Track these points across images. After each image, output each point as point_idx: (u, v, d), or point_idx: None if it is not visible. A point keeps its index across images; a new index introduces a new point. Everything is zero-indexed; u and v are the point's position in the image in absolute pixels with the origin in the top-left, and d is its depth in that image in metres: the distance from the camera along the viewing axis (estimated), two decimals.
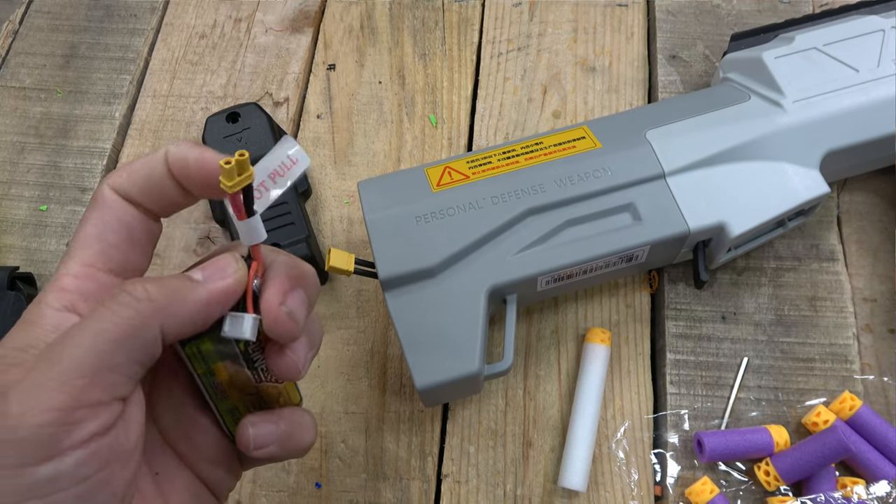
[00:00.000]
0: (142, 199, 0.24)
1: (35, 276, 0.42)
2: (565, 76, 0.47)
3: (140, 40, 0.50)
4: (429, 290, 0.33)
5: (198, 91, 0.48)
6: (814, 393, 0.37)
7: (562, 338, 0.39)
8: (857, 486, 0.34)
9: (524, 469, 0.37)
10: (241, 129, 0.42)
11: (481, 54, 0.48)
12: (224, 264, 0.23)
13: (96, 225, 0.23)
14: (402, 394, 0.39)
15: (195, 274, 0.23)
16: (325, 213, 0.44)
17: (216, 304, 0.23)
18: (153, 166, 0.24)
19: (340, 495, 0.37)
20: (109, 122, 0.48)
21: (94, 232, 0.23)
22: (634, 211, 0.35)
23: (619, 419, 0.37)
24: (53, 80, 0.49)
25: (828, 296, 0.39)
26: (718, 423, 0.37)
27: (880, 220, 0.41)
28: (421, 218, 0.34)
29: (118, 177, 0.24)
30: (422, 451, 0.37)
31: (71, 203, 0.45)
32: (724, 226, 0.35)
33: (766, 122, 0.36)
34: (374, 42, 0.49)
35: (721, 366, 0.38)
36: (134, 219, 0.24)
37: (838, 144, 0.36)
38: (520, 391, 0.38)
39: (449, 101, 0.47)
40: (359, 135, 0.46)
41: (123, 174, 0.24)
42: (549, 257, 0.34)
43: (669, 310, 0.39)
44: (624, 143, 0.36)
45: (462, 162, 0.37)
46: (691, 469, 0.36)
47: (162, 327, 0.21)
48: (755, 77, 0.38)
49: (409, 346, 0.32)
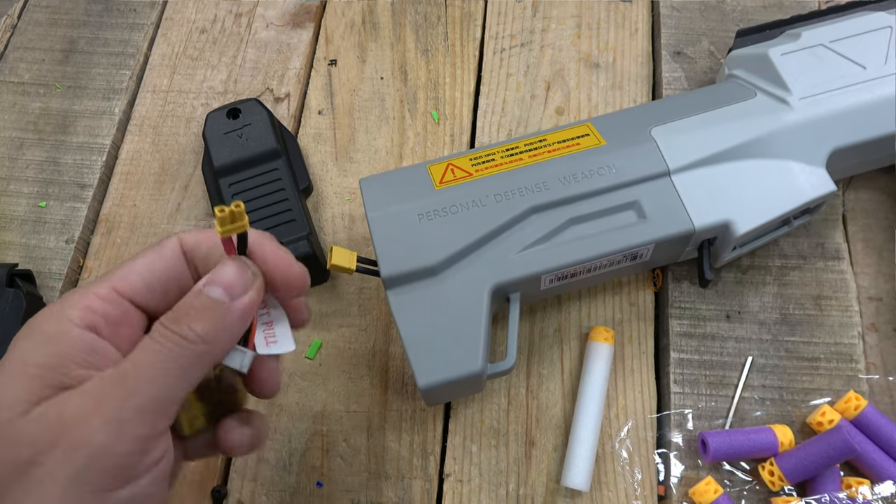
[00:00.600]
0: (199, 263, 0.27)
1: (34, 272, 0.42)
2: (569, 72, 0.47)
3: (140, 35, 0.50)
4: (431, 288, 0.33)
5: (198, 86, 0.48)
6: (818, 392, 0.37)
7: (565, 336, 0.39)
8: (862, 487, 0.34)
9: (527, 468, 0.36)
10: (241, 126, 0.42)
11: (484, 50, 0.48)
12: (242, 277, 0.25)
13: (148, 265, 0.26)
14: (404, 392, 0.38)
15: (213, 291, 0.24)
16: (326, 210, 0.43)
17: (245, 321, 0.25)
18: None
19: (342, 494, 0.36)
20: (109, 118, 0.47)
21: (142, 269, 0.26)
22: (639, 209, 0.34)
23: (622, 418, 0.37)
24: (52, 75, 0.49)
25: (833, 295, 0.39)
26: (722, 422, 0.37)
27: (886, 218, 0.41)
28: (423, 216, 0.34)
29: (191, 236, 0.27)
30: (424, 450, 0.37)
31: (70, 199, 0.45)
32: (729, 224, 0.34)
33: (773, 120, 0.36)
34: (376, 37, 0.49)
35: (725, 365, 0.38)
36: (181, 277, 0.27)
37: (845, 142, 0.36)
38: (522, 390, 0.38)
39: (451, 97, 0.46)
40: (360, 131, 0.46)
41: (198, 236, 0.27)
42: (553, 256, 0.34)
43: (673, 308, 0.39)
44: (629, 141, 0.36)
45: (465, 159, 0.36)
46: (695, 469, 0.36)
47: (213, 360, 0.24)
48: (761, 74, 0.38)
49: (412, 345, 0.32)
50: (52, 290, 0.42)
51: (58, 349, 0.23)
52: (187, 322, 0.24)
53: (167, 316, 0.24)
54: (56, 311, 0.24)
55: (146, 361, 0.23)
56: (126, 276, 0.26)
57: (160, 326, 0.24)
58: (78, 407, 0.22)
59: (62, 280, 0.42)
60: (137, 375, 0.23)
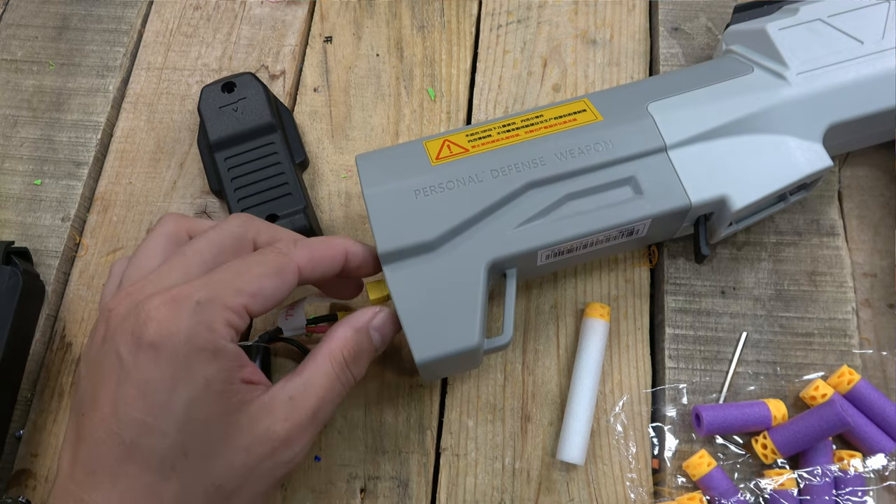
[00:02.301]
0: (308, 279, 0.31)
1: (31, 250, 0.42)
2: (565, 49, 0.46)
3: (133, 12, 0.49)
4: (428, 263, 0.33)
5: (192, 64, 0.48)
6: (812, 367, 0.37)
7: (561, 313, 0.39)
8: (853, 460, 0.34)
9: (522, 443, 0.37)
10: (237, 100, 0.42)
11: (480, 26, 0.48)
12: (392, 332, 0.34)
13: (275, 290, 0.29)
14: (401, 368, 0.39)
15: (376, 336, 0.32)
16: (322, 187, 0.43)
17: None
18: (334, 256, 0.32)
19: (339, 469, 0.37)
20: (103, 96, 0.47)
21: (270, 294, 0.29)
22: (636, 184, 0.34)
23: (617, 393, 0.37)
24: (45, 52, 0.48)
25: (828, 271, 0.39)
26: (717, 397, 0.37)
27: (882, 194, 0.41)
28: (420, 192, 0.34)
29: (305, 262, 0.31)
30: (420, 424, 0.37)
31: (66, 177, 0.44)
32: (725, 199, 0.34)
33: (770, 95, 0.36)
34: (372, 14, 0.48)
35: (720, 340, 0.38)
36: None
37: (841, 117, 0.36)
38: (518, 366, 0.38)
39: (448, 74, 0.46)
40: (356, 108, 0.46)
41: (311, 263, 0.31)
42: (550, 231, 0.34)
43: (669, 284, 0.39)
44: (625, 116, 0.36)
45: (461, 135, 0.36)
46: (689, 442, 0.36)
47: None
48: (759, 49, 0.38)
49: (408, 321, 0.32)
50: (48, 268, 0.42)
51: (224, 364, 0.27)
52: (359, 366, 0.31)
53: (347, 352, 0.30)
54: (202, 327, 0.26)
55: (325, 393, 0.29)
56: (256, 297, 0.28)
57: (343, 363, 0.30)
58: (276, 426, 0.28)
59: (59, 258, 0.42)
60: (317, 403, 0.29)
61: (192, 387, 0.25)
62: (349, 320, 0.32)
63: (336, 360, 0.30)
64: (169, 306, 0.26)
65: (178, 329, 0.25)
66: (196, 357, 0.26)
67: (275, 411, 0.28)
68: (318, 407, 0.29)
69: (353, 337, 0.31)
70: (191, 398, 0.25)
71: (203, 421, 0.26)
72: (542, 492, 0.36)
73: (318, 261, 0.31)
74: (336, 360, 0.30)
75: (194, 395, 0.25)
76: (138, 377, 0.25)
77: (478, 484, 0.36)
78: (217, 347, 0.26)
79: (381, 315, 0.32)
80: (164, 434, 0.25)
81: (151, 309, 0.26)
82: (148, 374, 0.25)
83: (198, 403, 0.25)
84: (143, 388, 0.25)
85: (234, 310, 0.27)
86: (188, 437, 0.25)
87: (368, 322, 0.32)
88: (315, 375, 0.29)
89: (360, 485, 0.36)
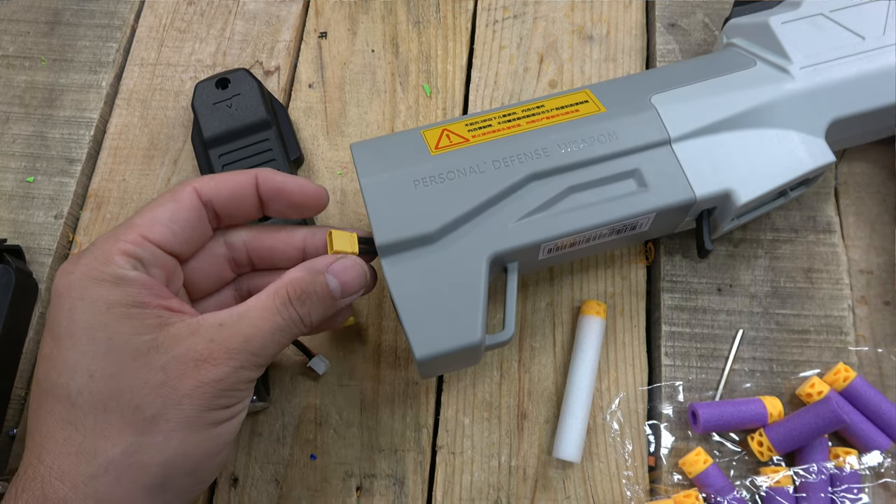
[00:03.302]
0: (220, 210, 0.31)
1: (23, 248, 0.41)
2: (562, 45, 0.46)
3: (126, 7, 0.49)
4: (428, 257, 0.32)
5: (186, 59, 0.47)
6: (808, 364, 0.37)
7: (557, 310, 0.39)
8: (849, 457, 0.34)
9: (519, 440, 0.37)
10: (231, 96, 0.41)
11: (476, 22, 0.47)
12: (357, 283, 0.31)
13: (170, 213, 0.29)
14: (397, 366, 0.39)
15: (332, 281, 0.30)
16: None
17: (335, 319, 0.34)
18: (243, 182, 0.30)
19: (336, 467, 0.37)
20: (96, 92, 0.46)
21: (166, 217, 0.29)
22: (640, 177, 0.34)
23: (613, 391, 0.37)
24: (38, 47, 0.48)
25: (824, 268, 0.39)
26: (713, 394, 0.37)
27: (878, 191, 0.41)
28: (419, 182, 0.33)
29: (206, 184, 0.30)
30: (416, 422, 0.37)
31: (58, 174, 0.44)
32: (730, 193, 0.34)
33: (774, 89, 0.35)
34: (367, 9, 0.48)
35: (716, 337, 0.38)
36: (201, 224, 0.30)
37: (844, 112, 0.36)
38: (515, 363, 0.38)
39: (443, 70, 0.46)
40: (351, 104, 0.45)
41: (211, 182, 0.30)
42: (553, 224, 0.33)
43: (665, 282, 0.39)
44: (629, 108, 0.35)
45: (460, 124, 0.36)
46: (685, 440, 0.36)
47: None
48: (761, 43, 0.37)
49: (408, 316, 0.31)
50: (41, 266, 0.42)
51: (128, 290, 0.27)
52: (309, 307, 0.29)
53: (293, 289, 0.28)
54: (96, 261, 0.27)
55: (261, 324, 0.27)
56: (151, 224, 0.28)
57: (286, 298, 0.28)
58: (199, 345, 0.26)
59: (52, 255, 0.42)
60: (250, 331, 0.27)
61: (90, 312, 0.26)
62: (307, 263, 0.30)
63: (279, 294, 0.28)
64: (69, 260, 0.28)
65: (73, 271, 0.27)
66: (93, 287, 0.27)
67: (200, 333, 0.27)
68: (250, 335, 0.27)
69: (304, 276, 0.29)
70: (90, 323, 0.26)
71: (106, 340, 0.26)
72: (538, 489, 0.36)
73: (221, 180, 0.30)
74: (279, 295, 0.28)
75: (94, 319, 0.26)
76: (50, 324, 0.27)
77: (474, 482, 0.36)
78: (117, 276, 0.27)
79: (344, 261, 0.30)
80: (64, 361, 0.26)
81: (58, 271, 0.28)
82: (55, 316, 0.27)
83: (98, 326, 0.26)
84: (51, 329, 0.27)
85: (129, 241, 0.28)
86: (91, 360, 0.26)
87: (326, 266, 0.30)
88: (253, 308, 0.28)
89: (356, 483, 0.36)
